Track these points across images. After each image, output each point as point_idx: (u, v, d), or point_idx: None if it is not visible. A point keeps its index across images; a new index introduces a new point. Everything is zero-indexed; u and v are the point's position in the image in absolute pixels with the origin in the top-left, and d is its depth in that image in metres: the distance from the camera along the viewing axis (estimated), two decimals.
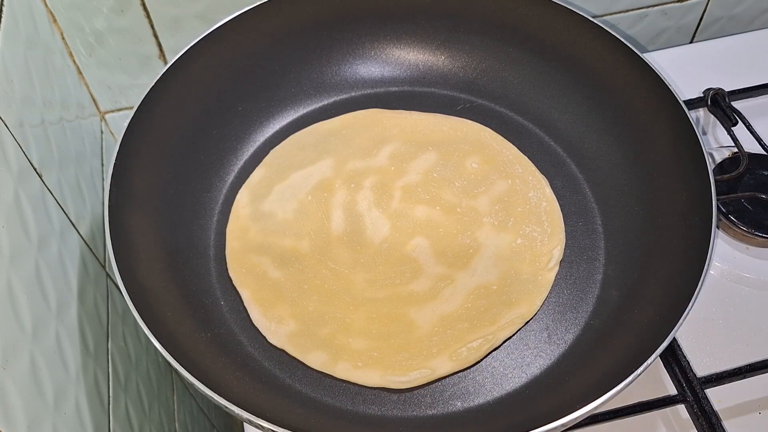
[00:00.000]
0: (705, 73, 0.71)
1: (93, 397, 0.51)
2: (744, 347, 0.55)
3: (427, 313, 0.53)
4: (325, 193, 0.59)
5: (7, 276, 0.42)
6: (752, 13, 0.79)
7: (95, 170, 0.63)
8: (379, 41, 0.66)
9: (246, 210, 0.58)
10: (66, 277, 0.51)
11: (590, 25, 0.60)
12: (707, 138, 0.68)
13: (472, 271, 0.55)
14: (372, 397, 0.50)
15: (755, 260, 0.60)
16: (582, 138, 0.61)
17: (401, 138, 0.62)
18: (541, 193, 0.59)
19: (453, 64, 0.66)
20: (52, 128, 0.54)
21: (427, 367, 0.50)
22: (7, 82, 0.48)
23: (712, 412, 0.50)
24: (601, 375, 0.47)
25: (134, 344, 0.64)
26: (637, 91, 0.58)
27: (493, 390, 0.50)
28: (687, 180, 0.53)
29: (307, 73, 0.65)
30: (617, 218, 0.57)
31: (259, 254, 0.56)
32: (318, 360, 0.51)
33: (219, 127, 0.61)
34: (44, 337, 0.45)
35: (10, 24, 0.50)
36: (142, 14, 0.62)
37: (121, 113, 0.70)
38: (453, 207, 0.58)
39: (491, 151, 0.61)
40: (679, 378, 0.52)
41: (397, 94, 0.65)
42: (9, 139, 0.46)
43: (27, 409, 0.41)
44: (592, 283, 0.55)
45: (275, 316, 0.53)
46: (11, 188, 0.45)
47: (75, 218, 0.55)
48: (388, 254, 0.56)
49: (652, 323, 0.47)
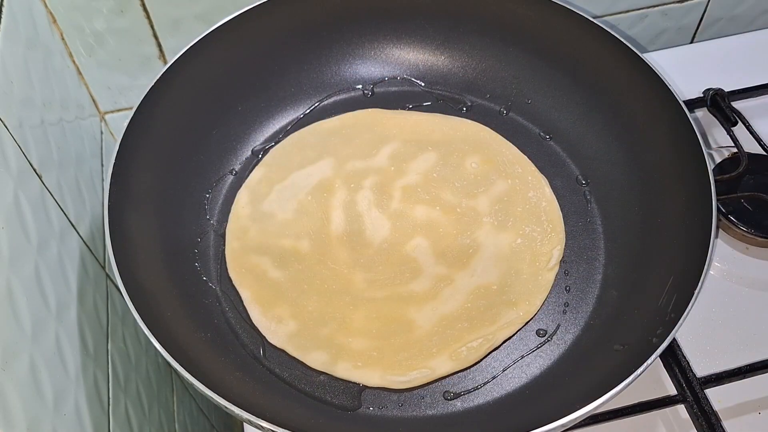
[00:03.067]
0: (705, 74, 0.71)
1: (92, 398, 0.51)
2: (744, 347, 0.55)
3: (427, 312, 0.53)
4: (325, 193, 0.59)
5: (6, 277, 0.42)
6: (752, 13, 0.79)
7: (95, 171, 0.63)
8: (379, 41, 0.66)
9: (246, 210, 0.58)
10: (66, 278, 0.51)
11: (590, 25, 0.60)
12: (707, 138, 0.68)
13: (471, 271, 0.55)
14: (372, 397, 0.50)
15: (755, 260, 0.60)
16: (582, 138, 0.61)
17: (401, 138, 0.62)
18: (540, 193, 0.59)
19: (453, 64, 0.66)
20: (51, 129, 0.54)
21: (427, 366, 0.50)
22: (6, 83, 0.47)
23: (711, 413, 0.50)
24: (601, 375, 0.47)
25: (134, 345, 0.64)
26: (637, 91, 0.58)
27: (493, 390, 0.50)
28: (687, 180, 0.53)
29: (307, 73, 0.65)
30: (617, 218, 0.57)
31: (259, 254, 0.56)
32: (318, 360, 0.51)
33: (219, 127, 0.61)
34: (44, 338, 0.45)
35: (10, 24, 0.50)
36: (142, 15, 0.62)
37: (120, 114, 0.70)
38: (453, 207, 0.58)
39: (491, 151, 0.61)
40: (679, 378, 0.52)
41: (397, 94, 0.65)
42: (8, 139, 0.46)
43: (27, 410, 0.41)
44: (592, 283, 0.55)
45: (275, 316, 0.53)
46: (11, 189, 0.45)
47: (75, 219, 0.55)
48: (388, 254, 0.56)
49: (652, 323, 0.47)
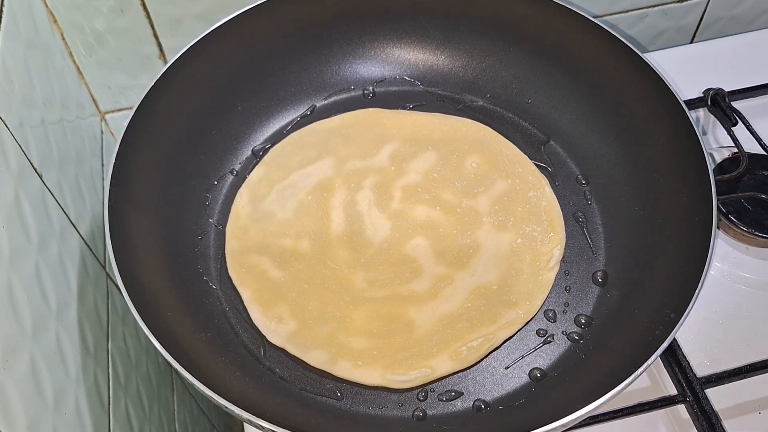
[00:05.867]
0: (705, 73, 0.71)
1: (93, 397, 0.51)
2: (744, 347, 0.55)
3: (427, 312, 0.53)
4: (325, 193, 0.59)
5: (7, 276, 0.42)
6: (752, 13, 0.79)
7: (95, 170, 0.63)
8: (379, 41, 0.66)
9: (246, 210, 0.58)
10: (66, 277, 0.51)
11: (590, 25, 0.60)
12: (707, 138, 0.68)
13: (472, 271, 0.55)
14: (372, 397, 0.50)
15: (755, 260, 0.60)
16: (582, 138, 0.61)
17: (401, 138, 0.62)
18: (540, 193, 0.59)
19: (453, 64, 0.66)
20: (52, 128, 0.54)
21: (427, 366, 0.50)
22: (7, 83, 0.47)
23: (712, 412, 0.50)
24: (601, 375, 0.47)
25: (134, 344, 0.64)
26: (637, 91, 0.58)
27: (493, 390, 0.50)
28: (687, 180, 0.53)
29: (307, 73, 0.65)
30: (617, 218, 0.57)
31: (259, 254, 0.56)
32: (318, 358, 0.51)
33: (219, 126, 0.61)
34: (44, 337, 0.45)
35: (10, 24, 0.50)
36: (142, 14, 0.62)
37: (121, 113, 0.70)
38: (453, 207, 0.58)
39: (491, 151, 0.61)
40: (679, 378, 0.52)
41: (397, 94, 0.65)
42: (9, 139, 0.46)
43: (27, 410, 0.41)
44: (592, 283, 0.55)
45: (275, 315, 0.53)
46: (11, 188, 0.45)
47: (75, 218, 0.55)
48: (388, 254, 0.56)
49: (653, 323, 0.47)
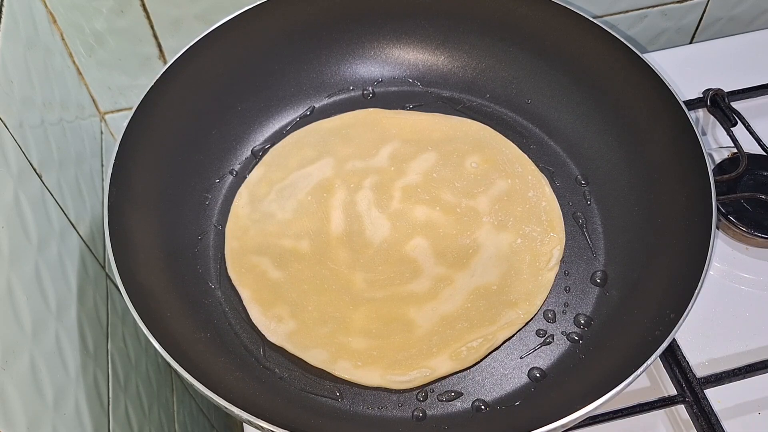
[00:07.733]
0: (705, 74, 0.71)
1: (92, 397, 0.51)
2: (744, 347, 0.55)
3: (427, 312, 0.53)
4: (325, 193, 0.59)
5: (7, 276, 0.42)
6: (752, 13, 0.79)
7: (95, 171, 0.63)
8: (379, 41, 0.66)
9: (245, 210, 0.58)
10: (66, 277, 0.51)
11: (590, 25, 0.60)
12: (707, 138, 0.68)
13: (471, 272, 0.55)
14: (371, 398, 0.50)
15: (755, 260, 0.60)
16: (582, 138, 0.61)
17: (401, 138, 0.62)
18: (540, 193, 0.59)
19: (453, 64, 0.66)
20: (51, 129, 0.54)
21: (427, 366, 0.50)
22: (7, 83, 0.47)
23: (711, 413, 0.50)
24: (601, 375, 0.47)
25: (134, 345, 0.64)
26: (637, 91, 0.58)
27: (493, 390, 0.50)
28: (687, 180, 0.53)
29: (307, 73, 0.65)
30: (617, 218, 0.57)
31: (259, 254, 0.56)
32: (318, 358, 0.51)
33: (218, 126, 0.61)
34: (44, 337, 0.45)
35: (10, 24, 0.50)
36: (142, 15, 0.62)
37: (120, 114, 0.70)
38: (453, 207, 0.58)
39: (491, 151, 0.61)
40: (679, 378, 0.52)
41: (396, 94, 0.65)
42: (9, 139, 0.46)
43: (27, 410, 0.41)
44: (592, 284, 0.55)
45: (275, 315, 0.53)
46: (11, 189, 0.45)
47: (75, 219, 0.55)
48: (388, 254, 0.56)
49: (652, 323, 0.47)
